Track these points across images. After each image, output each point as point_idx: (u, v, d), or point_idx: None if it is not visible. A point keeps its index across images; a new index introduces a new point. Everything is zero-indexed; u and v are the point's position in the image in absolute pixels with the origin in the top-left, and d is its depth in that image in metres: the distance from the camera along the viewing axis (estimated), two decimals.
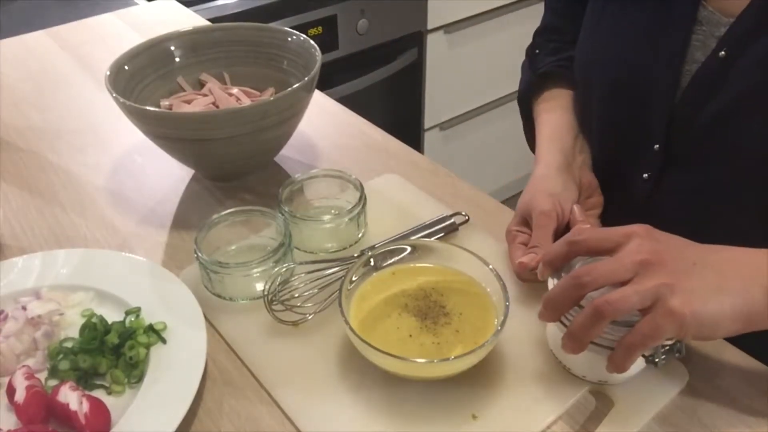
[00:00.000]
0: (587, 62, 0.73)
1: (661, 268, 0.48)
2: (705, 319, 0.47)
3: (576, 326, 0.49)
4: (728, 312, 0.48)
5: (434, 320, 0.56)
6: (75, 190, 0.82)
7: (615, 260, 0.49)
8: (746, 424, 0.53)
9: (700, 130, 0.63)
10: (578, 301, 0.51)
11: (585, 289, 0.49)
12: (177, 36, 0.84)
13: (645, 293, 0.47)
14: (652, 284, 0.47)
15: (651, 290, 0.47)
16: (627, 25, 0.68)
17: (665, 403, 0.54)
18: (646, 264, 0.48)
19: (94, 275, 0.65)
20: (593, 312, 0.48)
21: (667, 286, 0.47)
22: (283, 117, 0.74)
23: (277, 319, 0.60)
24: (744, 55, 0.59)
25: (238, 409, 0.55)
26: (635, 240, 0.50)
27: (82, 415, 0.51)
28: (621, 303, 0.47)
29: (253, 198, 0.79)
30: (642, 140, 0.68)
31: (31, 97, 1.02)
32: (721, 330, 0.48)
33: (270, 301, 0.59)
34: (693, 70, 0.63)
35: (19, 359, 0.58)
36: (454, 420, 0.53)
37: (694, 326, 0.47)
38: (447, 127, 2.07)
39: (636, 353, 0.48)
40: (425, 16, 1.81)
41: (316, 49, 0.80)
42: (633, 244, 0.49)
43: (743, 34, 0.59)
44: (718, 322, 0.48)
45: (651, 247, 0.49)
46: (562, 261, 0.54)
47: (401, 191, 0.78)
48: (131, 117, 0.73)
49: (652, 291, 0.47)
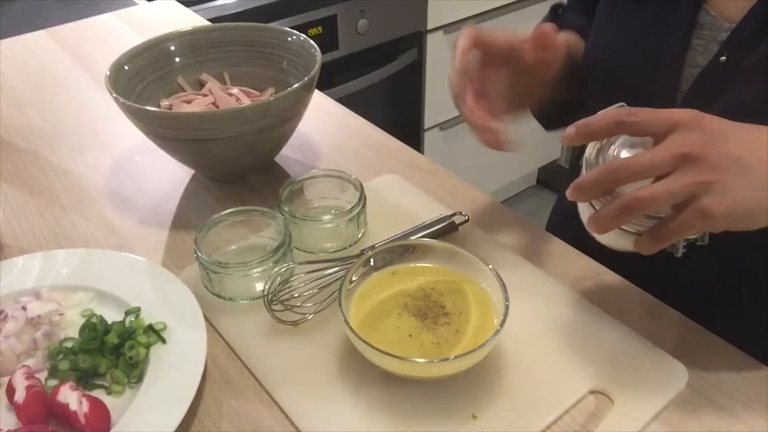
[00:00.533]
0: (593, 60, 0.73)
1: (701, 164, 0.46)
2: (739, 215, 0.46)
3: (603, 215, 0.48)
4: (766, 206, 0.46)
5: (434, 320, 0.56)
6: (75, 190, 0.82)
7: (654, 152, 0.47)
8: (746, 424, 0.53)
9: None
10: (610, 192, 0.49)
11: (619, 184, 0.48)
12: (177, 36, 0.84)
13: (678, 192, 0.46)
14: (687, 182, 0.46)
15: (686, 188, 0.46)
16: (630, 25, 0.68)
17: (665, 403, 0.54)
18: (686, 158, 0.46)
19: (94, 275, 0.65)
20: (622, 206, 0.47)
21: (704, 184, 0.45)
22: (283, 117, 0.74)
23: (277, 319, 0.60)
24: (745, 61, 0.59)
25: (238, 409, 0.55)
26: (681, 131, 0.47)
27: (82, 415, 0.51)
28: (651, 201, 0.46)
29: (253, 198, 0.79)
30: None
31: (31, 97, 1.02)
32: (756, 223, 0.47)
33: (270, 301, 0.59)
34: (695, 74, 0.63)
35: (19, 359, 0.58)
36: (454, 420, 0.53)
37: (725, 223, 0.46)
38: (447, 127, 2.07)
39: (662, 244, 0.48)
40: (425, 16, 1.81)
41: (316, 49, 0.80)
42: (678, 136, 0.47)
43: (744, 39, 0.59)
44: (753, 217, 0.47)
45: (694, 140, 0.46)
46: (604, 136, 0.52)
47: (401, 191, 0.78)
48: (131, 117, 0.73)
49: (686, 189, 0.46)
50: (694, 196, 0.46)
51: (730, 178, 0.46)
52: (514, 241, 0.71)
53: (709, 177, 0.46)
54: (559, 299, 0.63)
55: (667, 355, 0.57)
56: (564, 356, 0.57)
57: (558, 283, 0.65)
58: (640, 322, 0.60)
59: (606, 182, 0.48)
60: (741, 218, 0.46)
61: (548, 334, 0.59)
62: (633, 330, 0.59)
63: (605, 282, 0.66)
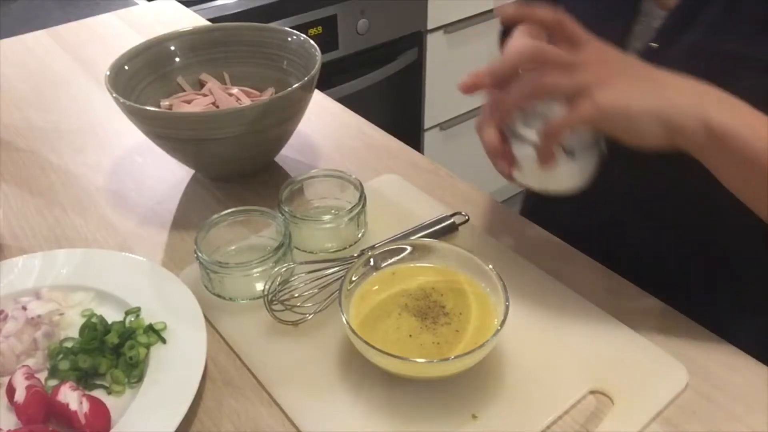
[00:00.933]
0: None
1: (600, 67, 0.52)
2: (625, 114, 0.50)
3: (508, 95, 0.52)
4: (652, 112, 0.50)
5: (434, 320, 0.56)
6: (75, 190, 0.82)
7: (562, 67, 0.52)
8: (746, 424, 0.53)
9: None
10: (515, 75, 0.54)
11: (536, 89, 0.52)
12: (177, 36, 0.84)
13: (573, 80, 0.51)
14: (582, 76, 0.50)
15: (580, 79, 0.50)
16: (583, 9, 0.68)
17: (665, 403, 0.54)
18: (587, 63, 0.52)
19: (94, 275, 0.65)
20: (523, 84, 0.51)
21: (597, 82, 0.50)
22: (283, 117, 0.74)
23: (276, 318, 0.60)
24: (672, 48, 0.62)
25: (238, 409, 0.55)
26: (584, 59, 0.52)
27: (82, 415, 0.51)
28: (549, 82, 0.51)
29: (253, 198, 0.79)
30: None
31: (31, 97, 1.02)
32: (640, 130, 0.50)
33: (270, 300, 0.59)
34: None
35: (19, 359, 0.58)
36: (454, 420, 0.53)
37: (611, 119, 0.50)
38: (447, 127, 2.07)
39: (555, 139, 0.51)
40: (425, 16, 1.81)
41: (316, 49, 0.79)
42: (581, 57, 0.52)
43: (673, 26, 0.62)
44: (640, 123, 0.50)
45: (597, 57, 0.52)
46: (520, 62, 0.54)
47: (401, 191, 0.78)
48: (131, 117, 0.73)
49: (581, 80, 0.50)
50: (586, 87, 0.50)
51: (621, 81, 0.51)
52: (514, 241, 0.71)
53: (603, 77, 0.51)
54: (559, 299, 0.63)
55: (667, 355, 0.57)
56: (564, 356, 0.57)
57: (558, 282, 0.65)
58: (640, 322, 0.60)
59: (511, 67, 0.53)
60: (628, 121, 0.50)
61: (548, 334, 0.59)
62: (633, 330, 0.59)
63: (605, 282, 0.66)
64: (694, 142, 0.51)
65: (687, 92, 0.52)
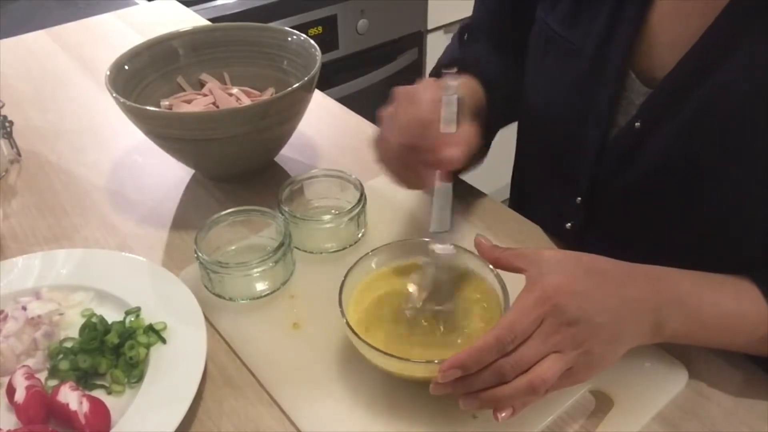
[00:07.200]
0: (530, 103, 0.73)
1: (565, 347, 0.48)
2: (601, 369, 0.50)
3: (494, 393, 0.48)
4: (621, 353, 0.51)
5: (434, 320, 0.56)
6: (75, 190, 0.82)
7: (532, 347, 0.48)
8: (746, 424, 0.53)
9: (619, 194, 0.64)
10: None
11: (506, 374, 0.48)
12: (177, 36, 0.84)
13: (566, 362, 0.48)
14: (554, 366, 0.48)
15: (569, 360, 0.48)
16: (563, 79, 0.67)
17: (665, 403, 0.54)
18: (558, 343, 0.48)
19: (94, 275, 0.65)
20: (521, 387, 0.47)
21: (576, 355, 0.48)
22: (283, 117, 0.74)
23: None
24: (658, 129, 0.59)
25: (238, 409, 0.55)
26: (546, 323, 0.48)
27: (82, 415, 0.51)
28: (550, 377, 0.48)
29: (253, 198, 0.79)
30: (567, 190, 0.69)
31: (31, 97, 1.02)
32: (613, 362, 0.51)
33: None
34: (616, 135, 0.63)
35: (19, 359, 0.58)
36: (454, 420, 0.53)
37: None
38: None
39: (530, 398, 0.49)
40: (425, 16, 1.81)
41: (316, 48, 0.80)
42: (545, 327, 0.48)
43: (658, 107, 0.59)
44: (611, 362, 0.51)
45: (558, 328, 0.48)
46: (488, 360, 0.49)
47: (401, 191, 0.78)
48: (131, 117, 0.73)
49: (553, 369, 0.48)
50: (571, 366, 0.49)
51: (592, 350, 0.49)
52: (514, 241, 0.71)
53: (568, 360, 0.48)
54: None
55: (667, 355, 0.57)
56: None
57: None
58: None
59: (494, 369, 0.48)
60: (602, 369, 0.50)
61: None
62: None
63: None
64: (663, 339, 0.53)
65: (644, 327, 0.51)
